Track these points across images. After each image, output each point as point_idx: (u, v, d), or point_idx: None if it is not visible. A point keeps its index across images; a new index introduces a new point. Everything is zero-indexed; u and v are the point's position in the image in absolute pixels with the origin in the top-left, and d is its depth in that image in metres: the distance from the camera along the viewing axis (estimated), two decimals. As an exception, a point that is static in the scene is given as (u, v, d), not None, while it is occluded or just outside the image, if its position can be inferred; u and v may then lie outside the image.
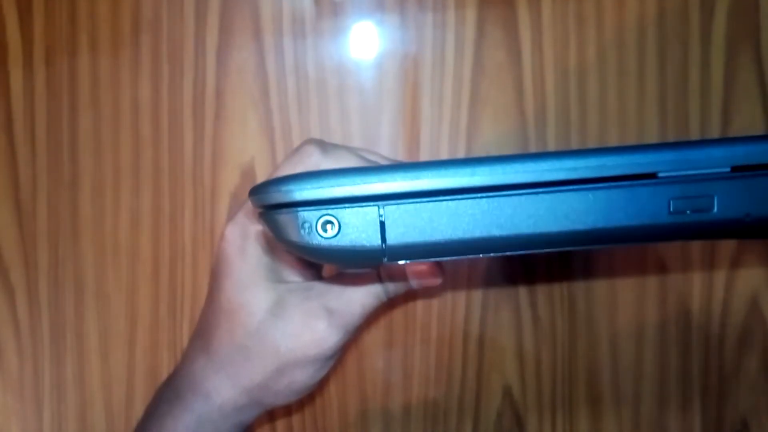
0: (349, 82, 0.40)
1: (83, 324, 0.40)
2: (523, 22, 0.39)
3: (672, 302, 0.41)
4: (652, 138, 0.40)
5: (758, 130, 0.41)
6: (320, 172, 0.20)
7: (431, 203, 0.20)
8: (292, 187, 0.20)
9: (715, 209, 0.19)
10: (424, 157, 0.40)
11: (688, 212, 0.19)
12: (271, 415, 0.42)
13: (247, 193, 0.40)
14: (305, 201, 0.20)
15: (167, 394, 0.32)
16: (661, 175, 0.19)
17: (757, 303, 0.41)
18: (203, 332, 0.32)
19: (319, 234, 0.20)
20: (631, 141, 0.40)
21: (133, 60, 0.39)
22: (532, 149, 0.40)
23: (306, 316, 0.30)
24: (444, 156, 0.40)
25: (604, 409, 0.42)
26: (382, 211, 0.20)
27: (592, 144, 0.40)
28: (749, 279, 0.41)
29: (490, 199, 0.19)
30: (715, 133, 0.41)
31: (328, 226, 0.20)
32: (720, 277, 0.41)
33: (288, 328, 0.30)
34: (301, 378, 0.31)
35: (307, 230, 0.20)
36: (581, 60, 0.40)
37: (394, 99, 0.40)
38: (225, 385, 0.31)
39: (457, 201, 0.20)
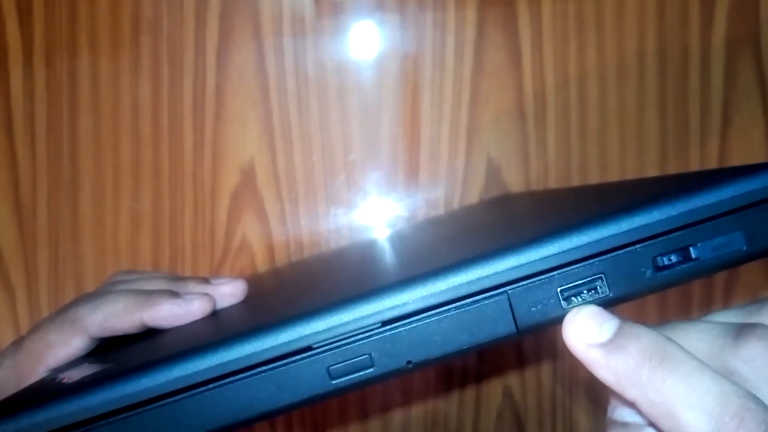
0: (349, 82, 0.40)
1: (83, 324, 0.40)
2: (523, 23, 0.39)
3: (672, 302, 0.41)
4: (653, 139, 0.40)
5: (758, 130, 0.41)
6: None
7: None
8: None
9: (374, 366, 0.19)
10: (423, 157, 0.40)
11: (349, 376, 0.19)
12: (271, 415, 0.42)
13: (247, 192, 0.40)
14: None
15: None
16: (316, 346, 0.19)
17: (757, 303, 0.41)
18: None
19: None
20: (631, 141, 0.40)
21: (133, 60, 0.39)
22: (532, 149, 0.40)
23: None
24: (444, 157, 0.40)
25: (604, 409, 0.42)
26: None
27: (592, 144, 0.40)
28: (749, 279, 0.41)
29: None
30: (715, 133, 0.41)
31: None
32: (720, 276, 0.41)
33: None
34: None
35: None
36: (581, 60, 0.40)
37: (394, 99, 0.40)
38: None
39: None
